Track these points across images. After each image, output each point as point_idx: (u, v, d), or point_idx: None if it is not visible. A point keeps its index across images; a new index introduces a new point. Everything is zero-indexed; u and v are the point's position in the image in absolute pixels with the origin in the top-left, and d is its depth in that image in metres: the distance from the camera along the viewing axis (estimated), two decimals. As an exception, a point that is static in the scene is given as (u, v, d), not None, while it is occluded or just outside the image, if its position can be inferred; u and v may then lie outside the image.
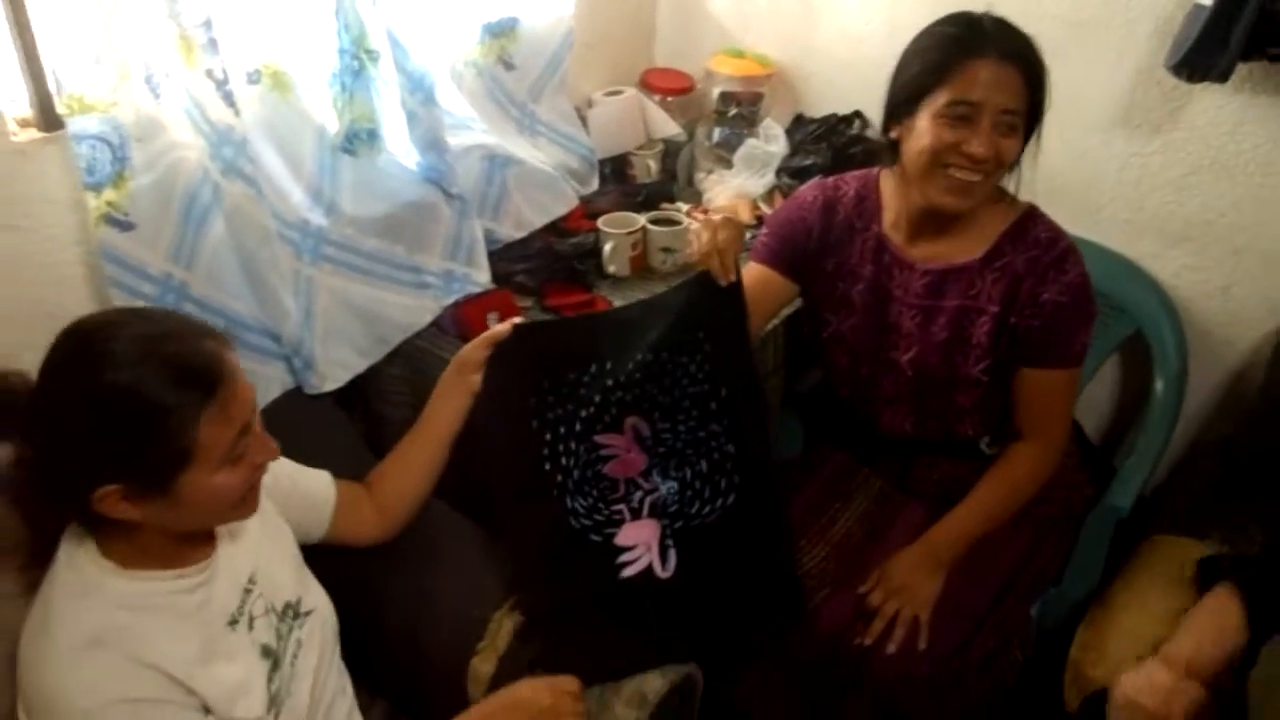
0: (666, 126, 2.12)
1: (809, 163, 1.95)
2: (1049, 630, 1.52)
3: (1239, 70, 1.52)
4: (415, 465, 1.32)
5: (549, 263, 1.76)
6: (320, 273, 1.48)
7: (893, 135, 1.36)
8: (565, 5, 1.87)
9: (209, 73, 1.23)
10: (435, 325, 1.63)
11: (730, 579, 1.32)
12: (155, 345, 0.89)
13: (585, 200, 1.92)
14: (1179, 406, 1.77)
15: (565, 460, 1.32)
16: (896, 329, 1.43)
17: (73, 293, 1.29)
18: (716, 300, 1.33)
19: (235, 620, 1.02)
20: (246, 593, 1.04)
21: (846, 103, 2.06)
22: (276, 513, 1.16)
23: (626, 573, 1.31)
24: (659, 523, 1.35)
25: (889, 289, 1.43)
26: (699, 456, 1.37)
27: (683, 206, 2.02)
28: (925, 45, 1.30)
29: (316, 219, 1.46)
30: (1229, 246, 1.73)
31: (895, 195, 1.43)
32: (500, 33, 1.78)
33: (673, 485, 1.37)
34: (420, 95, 1.49)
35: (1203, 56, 1.50)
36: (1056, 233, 1.37)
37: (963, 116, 1.25)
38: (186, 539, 0.99)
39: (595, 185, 1.99)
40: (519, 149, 1.79)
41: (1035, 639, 1.45)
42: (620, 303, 1.72)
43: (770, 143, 2.05)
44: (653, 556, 1.32)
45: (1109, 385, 1.97)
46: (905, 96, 1.31)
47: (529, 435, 1.32)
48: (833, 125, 2.03)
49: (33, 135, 1.22)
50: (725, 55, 2.14)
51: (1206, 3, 1.47)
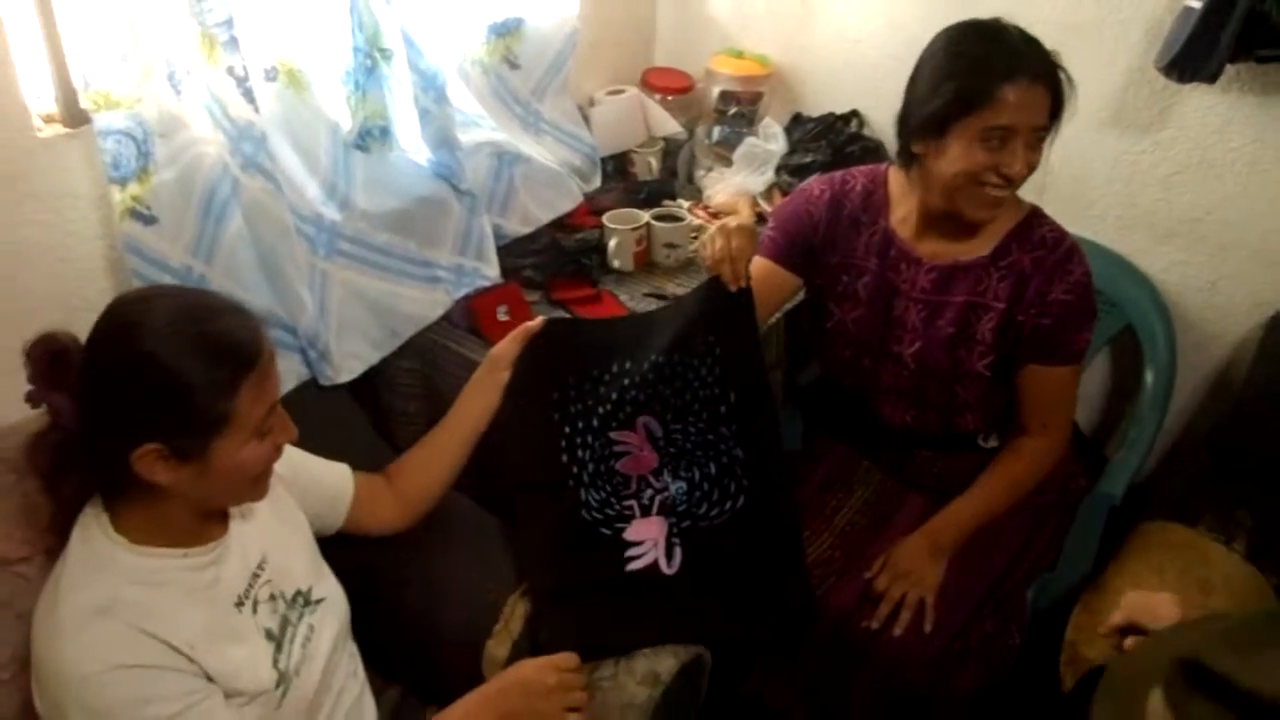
0: (667, 125, 2.15)
1: (807, 160, 1.98)
2: (1045, 613, 1.55)
3: (1227, 71, 1.55)
4: (439, 459, 1.34)
5: (555, 258, 1.79)
6: (334, 266, 1.49)
7: (915, 150, 1.34)
8: (570, 6, 1.89)
9: (230, 70, 1.25)
10: (446, 318, 1.65)
11: (736, 581, 1.34)
12: (205, 317, 0.94)
13: (588, 197, 1.94)
14: (1169, 398, 1.80)
15: (582, 453, 1.35)
16: (901, 323, 1.45)
17: (94, 285, 1.32)
18: (728, 305, 1.34)
19: (241, 602, 1.04)
20: (255, 576, 1.07)
21: (844, 102, 2.10)
22: (295, 505, 1.19)
23: (633, 566, 1.33)
24: (666, 521, 1.37)
25: (895, 283, 1.45)
26: (709, 459, 1.39)
27: (684, 203, 2.06)
28: (954, 68, 1.27)
29: (330, 214, 1.48)
30: (1216, 243, 1.77)
31: (905, 193, 1.44)
32: (505, 32, 1.79)
33: (682, 485, 1.39)
34: (433, 93, 1.51)
35: (1192, 58, 1.52)
36: (1060, 233, 1.39)
37: (998, 139, 1.25)
38: (202, 518, 1.02)
39: (598, 182, 2.01)
40: (525, 146, 1.81)
41: (1031, 622, 1.48)
42: (625, 296, 1.75)
43: (769, 141, 2.07)
44: (659, 553, 1.34)
45: (1101, 378, 2.00)
46: (933, 119, 1.28)
47: (550, 426, 1.34)
48: (830, 124, 2.06)
49: (57, 130, 1.24)
50: (725, 55, 2.17)
51: (1196, 5, 1.49)
